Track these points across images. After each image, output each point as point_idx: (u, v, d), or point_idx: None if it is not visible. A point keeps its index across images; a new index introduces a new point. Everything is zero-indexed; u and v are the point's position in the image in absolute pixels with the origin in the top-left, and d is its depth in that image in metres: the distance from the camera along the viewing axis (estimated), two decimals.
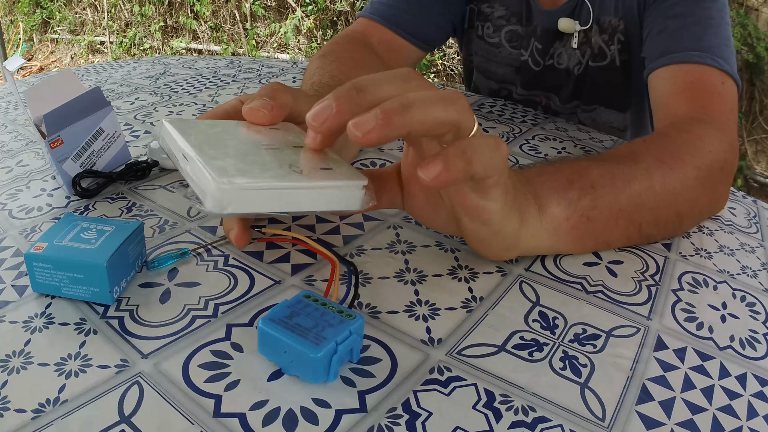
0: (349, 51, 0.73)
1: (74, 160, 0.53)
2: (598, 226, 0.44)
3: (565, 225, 0.42)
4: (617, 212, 0.44)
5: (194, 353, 0.35)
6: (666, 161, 0.47)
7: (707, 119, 0.56)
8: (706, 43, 0.62)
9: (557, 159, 0.47)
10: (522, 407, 0.32)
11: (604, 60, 0.80)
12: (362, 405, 0.32)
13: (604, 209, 0.43)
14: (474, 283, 0.42)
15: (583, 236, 0.44)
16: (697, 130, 0.52)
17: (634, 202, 0.45)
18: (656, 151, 0.48)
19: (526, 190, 0.41)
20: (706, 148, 0.51)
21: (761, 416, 0.33)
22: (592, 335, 0.38)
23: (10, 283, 0.41)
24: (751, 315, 0.42)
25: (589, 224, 0.43)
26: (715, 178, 0.51)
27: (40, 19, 4.52)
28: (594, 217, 0.43)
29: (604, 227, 0.44)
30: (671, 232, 0.49)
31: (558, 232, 0.42)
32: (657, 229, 0.48)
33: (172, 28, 4.21)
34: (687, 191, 0.48)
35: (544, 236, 0.42)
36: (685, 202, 0.48)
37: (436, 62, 3.43)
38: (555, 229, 0.42)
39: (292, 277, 0.42)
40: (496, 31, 0.87)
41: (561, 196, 0.42)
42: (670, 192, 0.47)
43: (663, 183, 0.46)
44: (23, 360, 0.34)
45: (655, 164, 0.47)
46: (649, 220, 0.46)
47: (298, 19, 3.69)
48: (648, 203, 0.45)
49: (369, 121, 0.30)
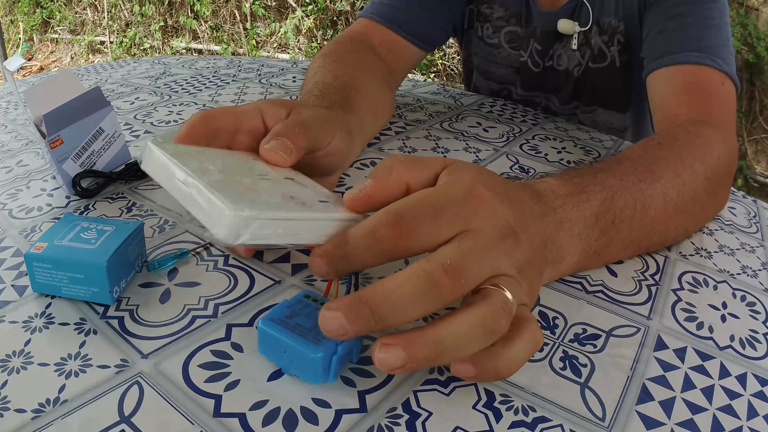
0: (351, 51, 0.73)
1: (74, 160, 0.53)
2: (606, 259, 0.44)
3: (573, 267, 0.42)
4: (628, 243, 0.44)
5: (194, 353, 0.35)
6: (681, 174, 0.47)
7: (710, 121, 0.56)
8: (706, 43, 0.62)
9: (588, 172, 0.43)
10: (522, 407, 0.32)
11: (604, 61, 0.80)
12: (362, 405, 0.32)
13: (617, 244, 0.43)
14: None
15: (588, 266, 0.44)
16: (705, 135, 0.52)
17: (646, 231, 0.45)
18: (672, 162, 0.47)
19: (550, 254, 0.38)
20: (714, 155, 0.51)
21: (761, 416, 0.33)
22: (592, 335, 0.38)
23: (10, 283, 0.41)
24: (751, 315, 0.42)
25: (599, 259, 0.44)
26: (720, 184, 0.52)
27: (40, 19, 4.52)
28: (604, 254, 0.43)
29: (612, 257, 0.45)
30: (675, 243, 0.50)
31: (563, 273, 0.42)
32: (661, 246, 0.48)
33: (172, 27, 4.21)
34: (696, 206, 0.48)
35: (549, 279, 0.41)
36: (692, 217, 0.49)
37: (436, 62, 3.43)
38: (561, 273, 0.42)
39: (292, 277, 0.42)
40: (496, 32, 0.87)
41: (583, 241, 0.40)
42: (681, 211, 0.47)
43: (676, 203, 0.46)
44: (23, 360, 0.34)
45: (671, 181, 0.46)
46: (657, 242, 0.47)
47: (298, 19, 3.69)
48: (659, 228, 0.46)
49: (394, 361, 0.28)
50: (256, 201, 0.30)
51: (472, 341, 0.29)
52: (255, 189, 0.31)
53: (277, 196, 0.32)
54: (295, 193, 0.33)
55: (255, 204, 0.29)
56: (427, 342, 0.28)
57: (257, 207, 0.29)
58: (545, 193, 0.39)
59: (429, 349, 0.28)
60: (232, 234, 0.28)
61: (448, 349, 0.28)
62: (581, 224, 0.40)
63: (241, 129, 0.39)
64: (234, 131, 0.39)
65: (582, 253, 0.41)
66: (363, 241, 0.30)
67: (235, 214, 0.28)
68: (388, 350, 0.28)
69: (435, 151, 0.65)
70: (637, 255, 0.47)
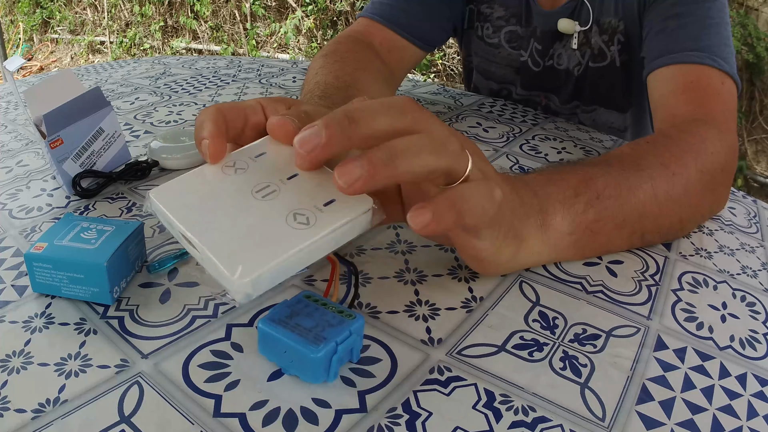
0: (352, 51, 0.72)
1: (74, 160, 0.53)
2: (600, 238, 0.44)
3: (567, 239, 0.42)
4: (621, 223, 0.44)
5: (194, 353, 0.35)
6: (669, 166, 0.47)
7: (708, 120, 0.56)
8: (706, 43, 0.62)
9: (565, 165, 0.46)
10: (522, 407, 0.32)
11: (604, 61, 0.80)
12: (362, 405, 0.32)
13: (608, 221, 0.43)
14: (474, 283, 0.42)
15: (584, 248, 0.44)
16: (700, 132, 0.52)
17: (637, 212, 0.45)
18: (660, 155, 0.48)
19: (531, 205, 0.40)
20: (708, 150, 0.50)
21: (761, 416, 0.33)
22: (592, 335, 0.38)
23: (10, 283, 0.41)
24: (751, 315, 0.42)
25: (593, 236, 0.43)
26: (716, 180, 0.51)
27: (40, 19, 4.52)
28: (597, 230, 0.43)
29: (607, 239, 0.45)
30: (673, 236, 0.50)
31: (560, 246, 0.42)
32: (659, 236, 0.48)
33: (172, 28, 4.21)
34: (690, 197, 0.48)
35: (546, 251, 0.42)
36: (687, 207, 0.49)
37: (436, 62, 3.43)
38: (557, 244, 0.42)
39: (292, 277, 0.42)
40: (496, 31, 0.87)
41: (566, 209, 0.42)
42: (674, 199, 0.46)
43: (666, 190, 0.46)
44: (23, 360, 0.34)
45: (659, 170, 0.46)
46: (651, 228, 0.46)
47: (298, 19, 3.69)
48: (651, 212, 0.45)
49: (354, 171, 0.29)
50: (258, 251, 0.30)
51: (423, 150, 0.31)
52: (259, 229, 0.31)
53: (280, 226, 0.31)
54: (296, 207, 0.32)
55: (257, 255, 0.30)
56: (381, 147, 0.30)
57: (259, 259, 0.29)
58: (520, 180, 0.41)
59: (383, 151, 0.30)
60: (246, 297, 0.29)
61: (402, 152, 0.30)
62: (560, 194, 0.42)
63: (247, 124, 0.39)
64: (242, 127, 0.38)
65: (571, 222, 0.42)
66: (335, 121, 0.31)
67: (240, 283, 0.29)
68: (347, 163, 0.30)
69: None
70: (636, 245, 0.47)
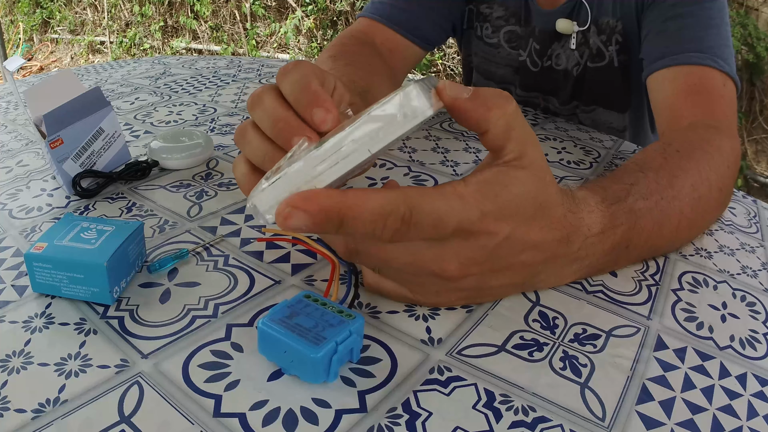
0: (360, 54, 0.72)
1: (74, 160, 0.53)
2: (602, 272, 0.44)
3: (587, 271, 0.42)
4: (633, 260, 0.45)
5: (194, 353, 0.35)
6: (699, 188, 0.47)
7: (717, 125, 0.56)
8: (707, 43, 0.62)
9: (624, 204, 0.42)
10: (522, 407, 0.32)
11: (602, 61, 0.80)
12: (362, 405, 0.32)
13: (622, 262, 0.44)
14: None
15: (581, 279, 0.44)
16: (716, 142, 0.52)
17: (654, 248, 0.46)
18: (692, 176, 0.47)
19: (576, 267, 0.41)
20: (725, 164, 0.51)
21: (761, 416, 0.33)
22: (592, 335, 0.38)
23: (10, 283, 0.41)
24: (751, 315, 0.42)
25: (595, 273, 0.44)
26: (728, 192, 0.53)
27: (40, 19, 4.52)
28: (604, 269, 0.44)
29: (609, 271, 0.45)
30: (679, 248, 0.50)
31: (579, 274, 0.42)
32: (667, 252, 0.48)
33: (172, 28, 4.21)
34: (706, 219, 0.50)
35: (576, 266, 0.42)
36: (701, 229, 0.50)
37: (436, 62, 3.43)
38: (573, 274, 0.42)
39: (292, 277, 0.42)
40: (495, 31, 0.87)
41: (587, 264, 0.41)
42: (693, 226, 0.47)
43: (690, 219, 0.46)
44: (23, 360, 0.34)
45: (689, 196, 0.46)
46: (659, 254, 0.47)
47: (298, 19, 3.69)
48: (666, 244, 0.46)
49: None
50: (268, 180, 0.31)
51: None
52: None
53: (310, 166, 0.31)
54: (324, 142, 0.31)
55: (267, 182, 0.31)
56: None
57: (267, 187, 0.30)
58: (576, 236, 0.38)
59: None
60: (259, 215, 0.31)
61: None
62: (593, 258, 0.41)
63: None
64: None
65: (579, 272, 0.42)
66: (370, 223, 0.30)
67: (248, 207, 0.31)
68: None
69: (435, 151, 0.65)
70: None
